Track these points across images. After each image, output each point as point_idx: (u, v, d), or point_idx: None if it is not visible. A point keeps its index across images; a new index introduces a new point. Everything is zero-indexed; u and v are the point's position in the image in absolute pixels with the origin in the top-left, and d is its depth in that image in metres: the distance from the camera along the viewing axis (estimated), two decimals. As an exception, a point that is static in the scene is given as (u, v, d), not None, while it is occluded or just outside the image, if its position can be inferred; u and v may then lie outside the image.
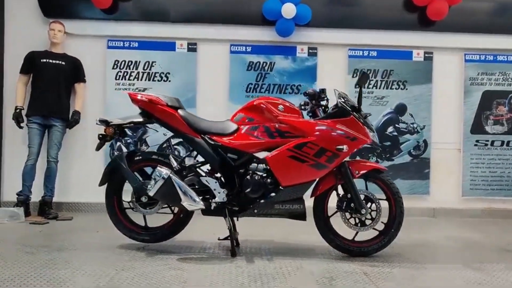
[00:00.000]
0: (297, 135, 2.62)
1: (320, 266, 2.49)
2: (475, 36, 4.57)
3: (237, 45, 4.47)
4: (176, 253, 2.71)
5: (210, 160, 2.71)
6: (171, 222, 2.81)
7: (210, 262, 2.53)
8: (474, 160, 4.58)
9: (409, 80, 4.54)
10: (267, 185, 2.64)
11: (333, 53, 4.55)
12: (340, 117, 2.65)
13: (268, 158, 2.60)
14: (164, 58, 4.41)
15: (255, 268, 2.40)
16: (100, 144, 2.84)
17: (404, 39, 4.54)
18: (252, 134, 2.69)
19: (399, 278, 2.29)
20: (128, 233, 2.82)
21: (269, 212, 2.69)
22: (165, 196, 2.59)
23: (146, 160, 2.82)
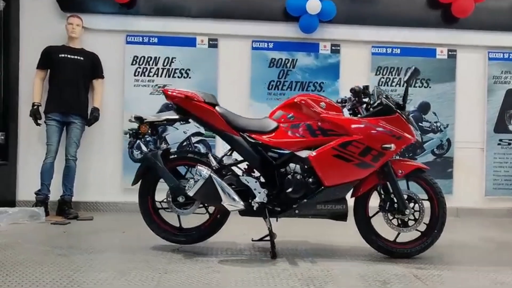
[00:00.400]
0: (340, 133, 2.53)
1: (367, 269, 2.41)
2: (498, 34, 4.52)
3: (259, 41, 4.38)
4: (213, 255, 2.62)
5: (249, 159, 2.61)
6: (208, 223, 2.71)
7: (253, 264, 2.43)
8: (498, 160, 4.53)
9: (432, 78, 4.48)
10: (309, 185, 2.55)
11: (356, 50, 4.47)
12: (385, 115, 2.57)
13: (311, 157, 2.51)
14: (184, 54, 4.30)
15: (302, 271, 2.31)
16: (132, 141, 2.74)
17: (427, 37, 4.48)
18: (293, 132, 2.60)
19: (452, 282, 2.22)
20: (162, 234, 2.72)
21: (311, 213, 2.61)
22: (206, 196, 2.49)
23: (182, 159, 2.73)
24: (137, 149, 4.03)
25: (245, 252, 2.72)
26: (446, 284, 2.18)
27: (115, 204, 4.21)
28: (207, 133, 4.29)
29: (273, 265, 2.43)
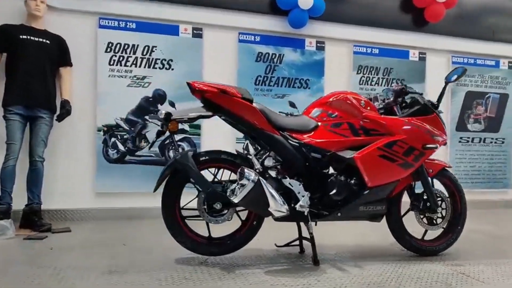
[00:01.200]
0: (382, 132, 2.48)
1: (417, 270, 2.39)
2: (461, 40, 4.89)
3: (245, 34, 4.15)
4: (250, 265, 2.39)
5: (292, 160, 2.42)
6: (243, 230, 2.46)
7: (302, 273, 2.26)
8: (458, 156, 4.93)
9: (406, 78, 4.69)
10: (352, 186, 2.46)
11: (339, 48, 4.49)
12: (422, 115, 2.58)
13: (356, 157, 2.41)
14: (166, 43, 3.90)
15: (355, 277, 2.21)
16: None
17: (402, 39, 4.68)
18: (335, 132, 2.47)
19: (497, 275, 2.31)
20: (190, 246, 2.39)
21: (352, 215, 2.51)
22: (253, 202, 2.24)
23: (214, 160, 2.42)
24: (113, 148, 3.60)
25: (280, 260, 2.53)
26: (495, 277, 2.26)
27: (86, 211, 3.67)
28: (191, 130, 3.96)
29: (323, 272, 2.29)
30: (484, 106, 5.03)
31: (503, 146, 5.10)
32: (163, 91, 3.89)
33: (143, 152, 3.85)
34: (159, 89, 3.88)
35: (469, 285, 2.14)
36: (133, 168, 3.81)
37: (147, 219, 3.64)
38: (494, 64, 5.09)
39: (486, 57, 5.05)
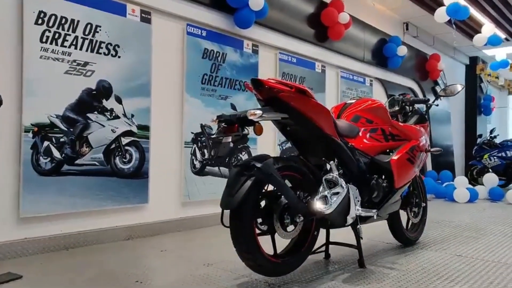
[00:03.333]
0: (403, 138, 2.76)
1: (439, 258, 2.75)
2: (347, 59, 5.72)
3: (193, 27, 3.75)
4: (302, 281, 2.26)
5: (350, 165, 2.39)
6: (308, 243, 2.27)
7: (368, 280, 2.29)
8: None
9: (314, 87, 5.16)
10: (384, 188, 2.63)
11: (268, 54, 4.57)
12: (420, 123, 2.99)
13: (393, 161, 2.60)
14: (112, 23, 3.15)
15: (409, 274, 2.41)
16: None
17: (311, 51, 5.13)
18: (372, 137, 2.60)
19: (478, 251, 2.91)
20: (266, 268, 2.06)
21: (384, 216, 2.69)
22: (340, 211, 2.13)
23: (287, 168, 2.15)
24: (46, 156, 2.80)
25: (328, 268, 2.47)
26: (480, 253, 2.84)
27: (8, 245, 2.60)
28: (139, 132, 3.33)
29: (380, 273, 2.39)
30: (358, 115, 6.01)
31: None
32: (108, 83, 3.12)
33: (84, 160, 2.99)
34: (104, 80, 3.10)
35: (478, 263, 2.63)
36: (72, 181, 2.91)
37: (92, 246, 2.88)
38: (362, 80, 6.16)
39: (359, 75, 6.06)
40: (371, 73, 6.33)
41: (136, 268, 2.44)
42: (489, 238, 3.41)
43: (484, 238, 3.39)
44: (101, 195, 3.04)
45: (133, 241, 3.14)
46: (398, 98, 3.04)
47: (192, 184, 3.70)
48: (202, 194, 3.76)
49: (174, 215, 3.51)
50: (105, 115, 3.11)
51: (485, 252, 2.90)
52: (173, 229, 3.45)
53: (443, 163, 8.29)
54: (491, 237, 3.46)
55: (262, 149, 4.20)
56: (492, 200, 6.20)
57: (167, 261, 2.65)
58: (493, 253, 2.89)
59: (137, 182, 3.29)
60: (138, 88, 3.31)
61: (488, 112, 10.25)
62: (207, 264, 2.51)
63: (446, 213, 4.84)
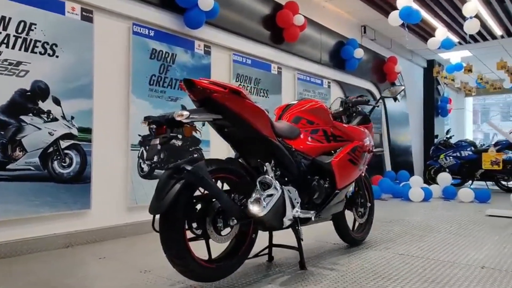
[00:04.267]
0: (345, 139, 2.77)
1: (383, 257, 2.77)
2: (304, 61, 5.76)
3: (140, 26, 3.66)
4: (238, 285, 2.22)
5: (289, 167, 2.37)
6: (245, 246, 2.23)
7: (305, 282, 2.28)
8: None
9: (270, 89, 5.15)
10: (326, 190, 2.63)
11: (222, 55, 4.52)
12: (363, 124, 3.01)
13: (334, 162, 2.61)
14: (49, 22, 3.01)
15: (347, 275, 2.42)
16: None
17: (266, 53, 5.12)
18: (314, 138, 2.59)
19: (419, 250, 2.96)
20: (199, 274, 2.01)
21: (326, 217, 2.68)
22: (275, 213, 2.10)
23: (221, 170, 2.10)
24: None
25: (266, 272, 2.44)
26: (420, 250, 2.89)
27: None
28: (81, 135, 3.20)
29: (318, 275, 2.38)
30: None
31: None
32: (45, 83, 2.98)
33: (17, 165, 2.83)
34: (40, 81, 2.96)
35: (422, 262, 2.67)
36: (4, 187, 2.76)
37: (29, 254, 2.72)
38: (320, 82, 6.21)
39: (316, 77, 6.11)
40: (329, 75, 6.40)
41: (72, 277, 2.33)
42: (434, 236, 3.49)
43: (429, 236, 3.46)
44: (36, 201, 2.89)
45: (73, 249, 3.00)
46: (342, 99, 3.06)
47: (139, 188, 3.59)
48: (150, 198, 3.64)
49: (119, 221, 3.39)
50: (41, 117, 2.97)
51: (427, 250, 2.95)
52: (117, 235, 3.34)
53: (402, 163, 8.49)
54: (437, 235, 3.54)
55: (215, 151, 4.14)
56: (446, 199, 6.38)
57: (105, 269, 2.55)
58: (435, 251, 2.95)
59: (78, 187, 3.16)
60: (78, 89, 3.18)
61: (445, 113, 10.60)
62: (144, 271, 2.42)
63: (399, 212, 4.94)
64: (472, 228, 3.87)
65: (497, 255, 2.84)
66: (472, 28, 6.34)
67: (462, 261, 2.67)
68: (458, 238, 3.40)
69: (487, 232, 3.68)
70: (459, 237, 3.45)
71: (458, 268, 2.50)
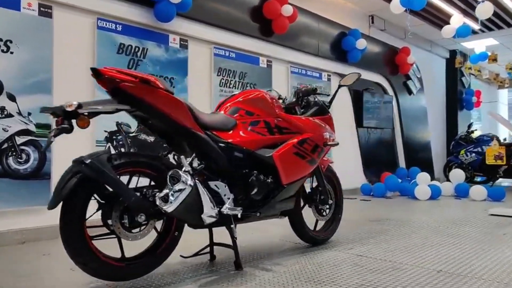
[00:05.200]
0: (293, 131, 2.57)
1: (331, 258, 2.56)
2: (299, 53, 5.54)
3: (105, 21, 3.61)
4: (165, 284, 2.09)
5: (217, 160, 2.22)
6: (165, 244, 2.11)
7: (233, 283, 2.12)
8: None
9: (257, 83, 4.99)
10: (269, 185, 2.45)
11: (201, 48, 4.41)
12: (320, 115, 2.80)
13: (275, 155, 2.42)
14: (2, 19, 3.02)
15: (284, 277, 2.23)
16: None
17: (254, 46, 4.95)
18: (253, 130, 2.42)
19: (384, 251, 2.71)
20: (104, 271, 1.91)
21: (270, 214, 2.51)
22: (188, 209, 1.96)
23: (131, 164, 1.99)
24: None
25: (201, 271, 2.30)
26: (381, 252, 2.64)
27: None
28: (39, 131, 3.19)
29: (252, 275, 2.21)
30: (313, 111, 5.81)
31: (326, 146, 6.00)
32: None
33: (-31, 161, 2.86)
34: (-7, 77, 2.97)
35: (375, 263, 2.43)
36: (-46, 182, 2.79)
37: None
38: (318, 76, 5.96)
39: (314, 70, 5.87)
40: (329, 67, 6.13)
41: (11, 275, 2.29)
42: (411, 236, 3.20)
43: (406, 237, 3.18)
44: (-12, 198, 2.91)
45: (27, 245, 3.00)
46: (296, 89, 2.85)
47: (106, 185, 3.54)
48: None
49: (79, 217, 3.36)
50: (-6, 113, 2.98)
51: (391, 252, 2.70)
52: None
53: (419, 160, 8.04)
54: (415, 235, 3.25)
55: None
56: (457, 197, 5.95)
57: (42, 266, 2.51)
58: (399, 252, 2.69)
59: (37, 183, 3.15)
60: (36, 85, 3.17)
61: (470, 106, 9.95)
62: (73, 269, 2.35)
63: (393, 211, 4.63)
64: (461, 228, 3.54)
65: (465, 258, 2.54)
66: (485, 12, 5.87)
67: (420, 263, 2.41)
68: (436, 238, 3.10)
69: (478, 233, 3.34)
70: (439, 237, 3.15)
71: (409, 272, 2.24)
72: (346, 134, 6.37)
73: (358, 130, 6.73)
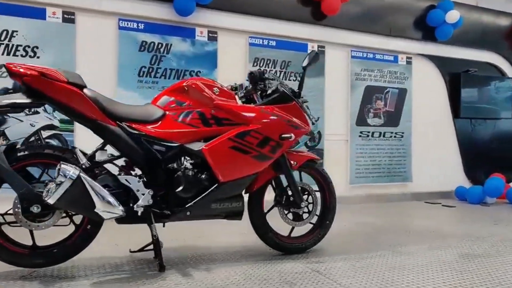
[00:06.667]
0: (236, 122, 2.27)
1: (269, 270, 2.20)
2: (360, 34, 4.89)
3: (127, 21, 3.81)
4: (83, 276, 2.07)
5: (131, 154, 2.14)
6: (75, 236, 2.13)
7: (138, 282, 1.99)
8: (359, 150, 4.91)
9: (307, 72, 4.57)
10: (202, 182, 2.22)
11: (233, 39, 4.28)
12: (281, 103, 2.41)
13: (205, 149, 2.18)
14: (30, 28, 3.46)
15: (198, 283, 1.98)
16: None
17: (300, 31, 4.57)
18: (183, 122, 2.22)
19: (353, 271, 2.18)
20: (9, 258, 2.03)
21: (204, 214, 2.28)
22: (73, 202, 1.93)
23: (36, 156, 2.07)
24: None
25: (124, 267, 2.24)
26: (346, 275, 2.12)
27: None
28: (62, 126, 3.55)
29: (162, 280, 2.03)
30: (383, 101, 5.06)
31: (402, 140, 5.17)
32: (27, 81, 3.44)
33: (2, 151, 3.37)
34: (22, 80, 3.43)
35: (315, 284, 1.97)
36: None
37: None
38: (392, 59, 5.15)
39: (385, 52, 5.09)
40: (410, 48, 5.23)
41: None
42: (406, 251, 2.50)
43: (398, 253, 2.50)
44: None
45: None
46: (252, 74, 2.49)
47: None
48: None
49: None
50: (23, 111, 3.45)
51: (356, 268, 2.15)
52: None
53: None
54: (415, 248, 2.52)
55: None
56: None
57: None
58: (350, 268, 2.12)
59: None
60: (60, 84, 3.54)
61: None
62: None
63: (467, 223, 3.70)
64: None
65: None
66: None
67: None
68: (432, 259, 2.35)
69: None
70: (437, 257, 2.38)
71: None
72: (439, 127, 5.38)
73: (455, 122, 5.59)
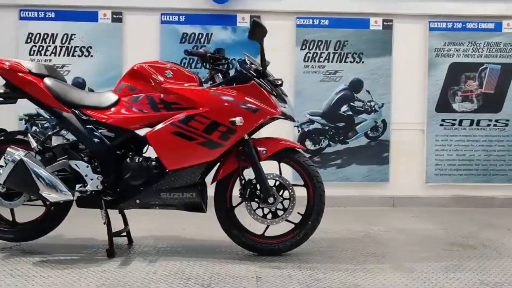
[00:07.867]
0: (186, 106, 2.11)
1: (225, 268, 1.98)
2: (440, 1, 4.01)
3: (168, 14, 3.93)
4: (45, 253, 2.21)
5: (82, 140, 2.20)
6: (41, 217, 2.30)
7: (83, 266, 2.02)
8: (440, 142, 4.05)
9: (365, 52, 3.99)
10: (152, 170, 2.13)
11: (278, 22, 4.00)
12: (239, 83, 2.14)
13: (148, 135, 2.09)
14: (85, 30, 3.88)
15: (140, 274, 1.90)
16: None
17: (359, 6, 3.99)
18: (133, 107, 2.18)
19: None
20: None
21: (155, 203, 2.19)
22: (19, 184, 2.09)
23: (5, 142, 2.29)
24: None
25: (88, 250, 2.31)
26: None
27: None
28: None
29: (97, 266, 2.01)
30: (478, 80, 4.05)
31: (507, 130, 4.05)
32: (82, 78, 3.88)
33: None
34: (79, 77, 3.88)
35: None
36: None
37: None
38: (493, 27, 4.07)
39: (481, 20, 4.06)
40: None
41: None
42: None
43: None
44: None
45: None
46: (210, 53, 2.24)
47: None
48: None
49: None
50: (79, 104, 3.88)
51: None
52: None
53: None
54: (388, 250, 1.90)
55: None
56: None
57: None
58: None
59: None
60: (109, 80, 3.86)
61: None
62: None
63: None
64: None
65: None
66: None
67: None
68: None
69: None
70: None
71: None
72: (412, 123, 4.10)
73: None
